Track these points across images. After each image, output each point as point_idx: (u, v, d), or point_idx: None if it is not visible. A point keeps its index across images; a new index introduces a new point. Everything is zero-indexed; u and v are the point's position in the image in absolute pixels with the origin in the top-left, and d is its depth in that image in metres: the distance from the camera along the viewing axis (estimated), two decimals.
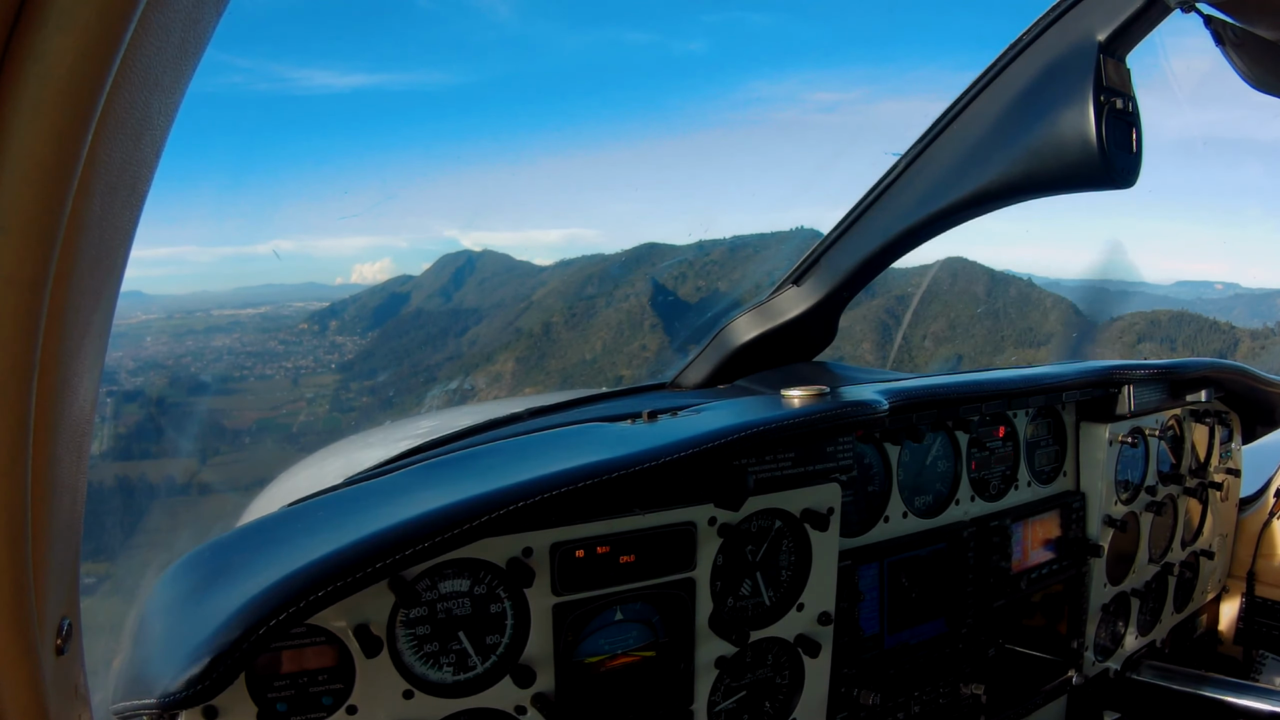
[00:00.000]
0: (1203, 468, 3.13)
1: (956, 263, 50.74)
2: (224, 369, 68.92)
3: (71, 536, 0.82)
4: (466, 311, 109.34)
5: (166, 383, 50.78)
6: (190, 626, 1.22)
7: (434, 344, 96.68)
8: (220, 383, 61.35)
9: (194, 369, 66.64)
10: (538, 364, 70.58)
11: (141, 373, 44.63)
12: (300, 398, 67.43)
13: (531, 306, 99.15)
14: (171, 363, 63.00)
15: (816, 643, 1.89)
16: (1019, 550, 2.45)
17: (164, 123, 0.75)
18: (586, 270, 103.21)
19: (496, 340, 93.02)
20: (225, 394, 58.48)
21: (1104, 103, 1.66)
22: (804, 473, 1.88)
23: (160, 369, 55.14)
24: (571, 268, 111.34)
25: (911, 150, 2.10)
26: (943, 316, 53.43)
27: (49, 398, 0.70)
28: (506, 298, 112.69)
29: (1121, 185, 1.74)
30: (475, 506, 1.33)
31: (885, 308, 35.87)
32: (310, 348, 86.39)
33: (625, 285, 78.54)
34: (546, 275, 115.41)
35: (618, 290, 79.28)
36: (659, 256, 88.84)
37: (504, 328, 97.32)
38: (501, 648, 1.54)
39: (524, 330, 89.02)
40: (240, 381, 68.00)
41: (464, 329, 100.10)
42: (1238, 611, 3.38)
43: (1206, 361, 2.90)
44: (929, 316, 52.20)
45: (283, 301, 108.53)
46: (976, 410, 2.29)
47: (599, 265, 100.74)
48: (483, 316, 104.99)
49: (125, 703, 1.21)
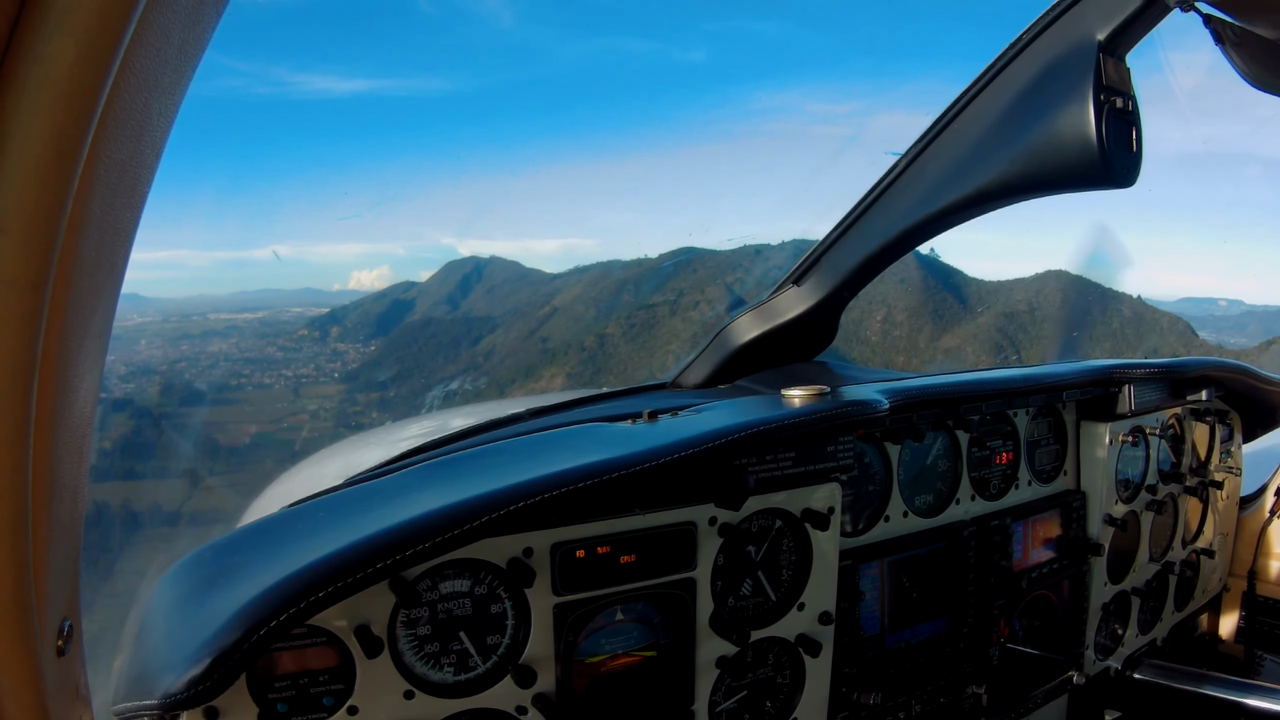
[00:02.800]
0: (1203, 467, 3.13)
1: (1060, 277, 47.98)
2: (220, 376, 66.08)
3: (72, 537, 0.82)
4: (478, 319, 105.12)
5: (159, 390, 48.86)
6: (191, 627, 1.22)
7: (445, 353, 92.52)
8: (216, 391, 58.88)
9: (189, 375, 64.56)
10: (593, 380, 67.88)
11: (133, 378, 42.77)
12: (302, 410, 64.95)
13: (557, 314, 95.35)
14: (165, 368, 61.04)
15: (817, 642, 1.89)
16: (1019, 549, 2.45)
17: (164, 123, 0.75)
18: (611, 277, 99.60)
19: (518, 350, 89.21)
20: (221, 404, 56.31)
21: (1104, 102, 1.66)
22: (804, 472, 1.88)
23: (153, 375, 52.96)
24: (588, 274, 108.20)
25: (911, 150, 2.09)
26: (1058, 337, 51.30)
27: (49, 398, 0.70)
28: (520, 305, 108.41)
29: (1121, 184, 1.74)
30: (476, 507, 1.32)
31: (996, 326, 34.49)
32: (311, 355, 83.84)
33: (692, 293, 74.56)
34: (561, 282, 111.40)
35: (683, 299, 75.84)
36: (700, 262, 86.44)
37: (526, 337, 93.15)
38: (502, 648, 1.54)
39: (553, 340, 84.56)
40: (237, 390, 65.47)
41: (477, 338, 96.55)
42: (1238, 610, 3.38)
43: (1207, 361, 2.90)
44: (1042, 337, 50.13)
45: (281, 307, 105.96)
46: (977, 409, 2.29)
47: (634, 271, 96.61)
48: (497, 324, 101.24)
49: (126, 703, 1.21)
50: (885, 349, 72.07)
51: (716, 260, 77.61)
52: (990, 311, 28.70)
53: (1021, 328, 42.28)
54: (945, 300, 74.21)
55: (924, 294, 74.65)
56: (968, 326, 50.24)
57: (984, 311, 29.60)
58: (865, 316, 71.91)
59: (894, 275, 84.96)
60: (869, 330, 72.11)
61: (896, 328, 73.16)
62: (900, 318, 73.75)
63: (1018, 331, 41.61)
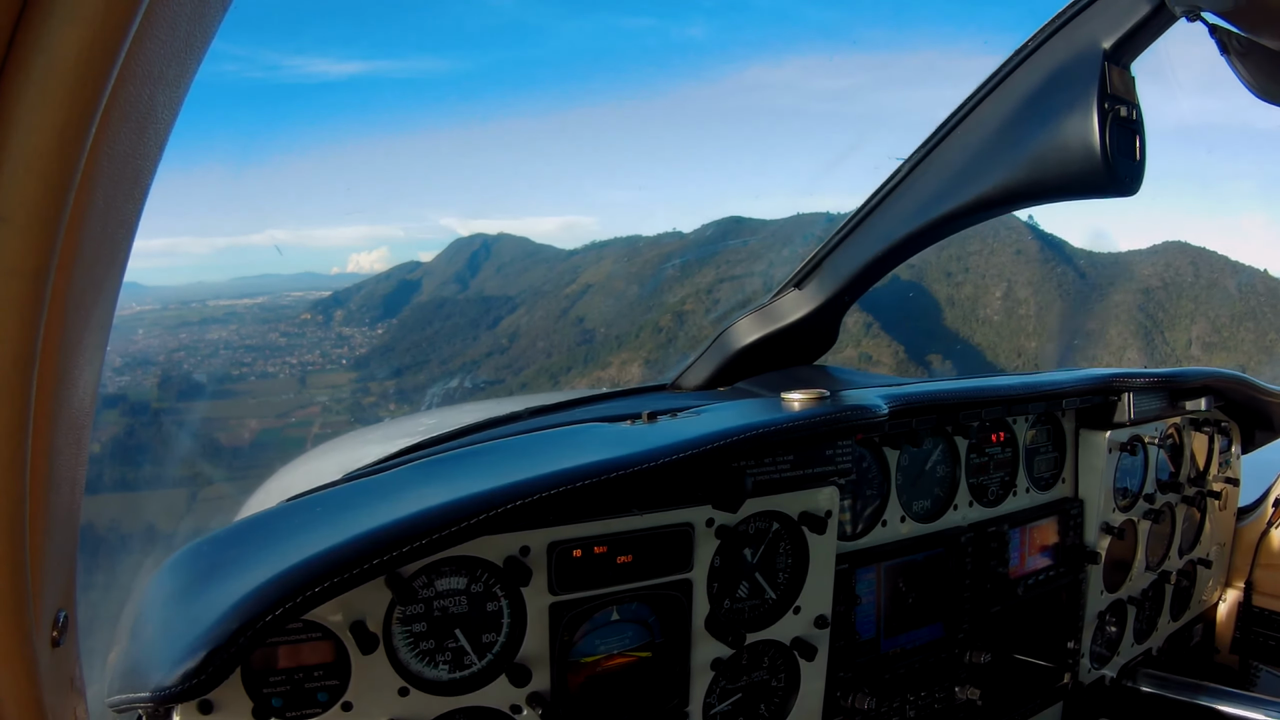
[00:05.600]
0: (1201, 476, 3.13)
1: (1183, 250, 43.25)
2: (221, 366, 63.13)
3: (69, 529, 0.82)
4: (495, 299, 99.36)
5: (156, 383, 45.27)
6: (186, 621, 1.22)
7: (463, 336, 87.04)
8: (217, 383, 54.96)
9: (187, 366, 61.05)
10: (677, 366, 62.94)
11: (128, 370, 38.42)
12: (311, 401, 61.26)
13: (590, 292, 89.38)
14: (164, 358, 57.77)
15: (813, 646, 1.89)
16: (1016, 556, 2.45)
17: (168, 116, 0.75)
18: (642, 252, 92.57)
19: (552, 332, 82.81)
20: (223, 397, 52.69)
21: (1108, 110, 1.66)
22: (802, 476, 1.88)
23: (150, 366, 49.45)
24: (608, 249, 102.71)
25: (916, 154, 2.10)
26: (1200, 316, 47.13)
27: (49, 389, 0.70)
28: (538, 283, 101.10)
29: (1124, 193, 1.75)
30: (473, 504, 1.32)
31: (1137, 304, 31.92)
32: (315, 340, 80.00)
33: (779, 264, 70.17)
34: (579, 259, 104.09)
35: (774, 270, 72.02)
36: (747, 231, 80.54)
37: (557, 318, 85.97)
38: (498, 646, 1.54)
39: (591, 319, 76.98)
40: (239, 381, 61.85)
41: (497, 318, 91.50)
42: (1234, 621, 3.37)
43: (1206, 371, 2.90)
44: (1182, 315, 45.90)
45: (280, 291, 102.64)
46: (976, 416, 2.29)
47: (676, 244, 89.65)
48: (516, 304, 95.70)
49: (120, 695, 1.21)
50: (1011, 331, 65.63)
51: (768, 230, 72.65)
52: (1124, 288, 26.52)
53: (1159, 305, 39.09)
54: (1065, 274, 68.59)
55: (1042, 267, 68.10)
56: (1100, 305, 46.44)
57: (1115, 288, 27.41)
58: (980, 292, 66.90)
59: (1010, 245, 74.83)
60: (988, 309, 67.03)
61: (1020, 305, 66.85)
62: (1024, 294, 67.20)
63: (1156, 310, 38.96)
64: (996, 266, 62.53)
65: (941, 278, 65.49)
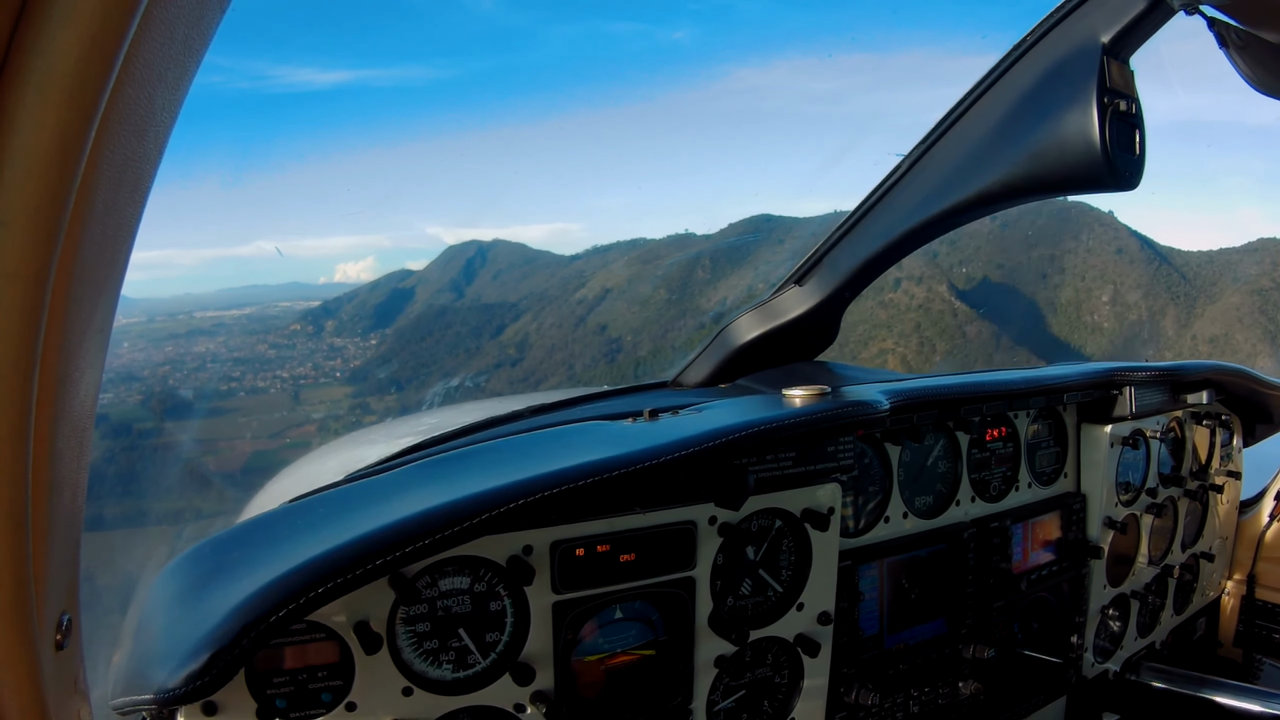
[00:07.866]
0: (1203, 470, 3.13)
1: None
2: (209, 380, 59.82)
3: (71, 532, 0.82)
4: (496, 306, 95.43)
5: (139, 402, 42.05)
6: (190, 622, 1.22)
7: (465, 345, 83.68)
8: (204, 400, 50.67)
9: (173, 381, 57.65)
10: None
11: (112, 387, 34.59)
12: (306, 419, 58.53)
13: (609, 297, 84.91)
14: (148, 373, 54.92)
15: (816, 642, 1.89)
16: (1019, 551, 2.45)
17: (167, 119, 0.75)
18: (658, 254, 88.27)
19: (570, 342, 78.65)
20: (211, 415, 48.85)
21: (1107, 105, 1.66)
22: (804, 472, 1.88)
23: (134, 382, 46.66)
24: (612, 253, 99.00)
25: (915, 150, 2.09)
26: None
27: (50, 393, 0.70)
28: (542, 290, 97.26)
29: (1124, 187, 1.74)
30: (476, 504, 1.32)
31: (1256, 307, 28.76)
32: (307, 352, 77.15)
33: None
34: (583, 265, 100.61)
35: None
36: (781, 229, 76.73)
37: (574, 325, 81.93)
38: (501, 645, 1.54)
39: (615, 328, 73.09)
40: (229, 397, 58.53)
41: (500, 326, 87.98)
42: (1237, 614, 3.38)
43: (1207, 364, 2.89)
44: None
45: (268, 302, 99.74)
46: (978, 411, 2.29)
47: (692, 245, 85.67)
48: (521, 311, 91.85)
49: (124, 698, 1.21)
50: (1124, 337, 61.11)
51: (802, 228, 69.48)
52: (1233, 289, 24.89)
53: (1278, 306, 36.21)
54: (1170, 276, 63.98)
55: (1147, 267, 63.39)
56: (1214, 307, 43.03)
57: (1219, 289, 25.88)
58: (1084, 297, 62.36)
59: (1110, 245, 69.82)
60: (1097, 314, 62.46)
61: (1130, 310, 62.50)
62: (1133, 298, 62.84)
63: (1276, 311, 36.58)
64: (1099, 267, 58.76)
65: (1035, 279, 61.68)
